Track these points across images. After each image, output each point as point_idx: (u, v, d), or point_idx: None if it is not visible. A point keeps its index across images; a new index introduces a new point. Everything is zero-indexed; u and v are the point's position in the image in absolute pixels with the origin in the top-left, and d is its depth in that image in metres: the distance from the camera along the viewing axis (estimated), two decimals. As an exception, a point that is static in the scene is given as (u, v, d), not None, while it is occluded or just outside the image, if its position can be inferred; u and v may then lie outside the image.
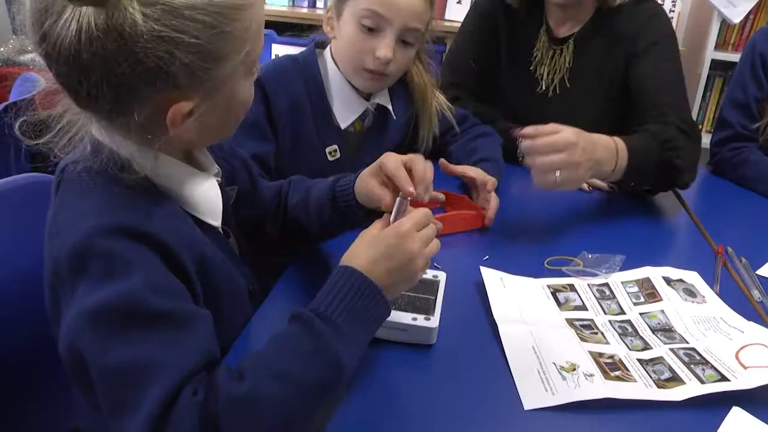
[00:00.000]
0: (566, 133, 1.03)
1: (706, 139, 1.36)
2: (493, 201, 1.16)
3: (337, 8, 1.21)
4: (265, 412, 0.56)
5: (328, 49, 1.28)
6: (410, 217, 0.72)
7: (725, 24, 2.68)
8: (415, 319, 0.79)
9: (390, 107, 1.30)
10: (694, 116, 2.80)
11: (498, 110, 1.51)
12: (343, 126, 1.25)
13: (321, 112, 1.25)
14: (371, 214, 0.86)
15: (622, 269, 1.01)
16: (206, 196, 0.74)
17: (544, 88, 1.51)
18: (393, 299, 0.71)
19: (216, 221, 0.76)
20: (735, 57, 2.29)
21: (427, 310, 0.81)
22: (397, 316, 0.78)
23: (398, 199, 0.78)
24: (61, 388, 0.84)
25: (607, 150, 1.12)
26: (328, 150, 1.26)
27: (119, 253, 0.60)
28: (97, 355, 0.58)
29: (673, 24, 2.76)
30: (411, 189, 0.78)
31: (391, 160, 0.82)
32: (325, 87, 1.25)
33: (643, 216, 1.28)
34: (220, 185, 0.79)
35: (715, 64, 2.72)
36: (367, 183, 0.86)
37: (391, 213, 0.76)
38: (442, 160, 1.29)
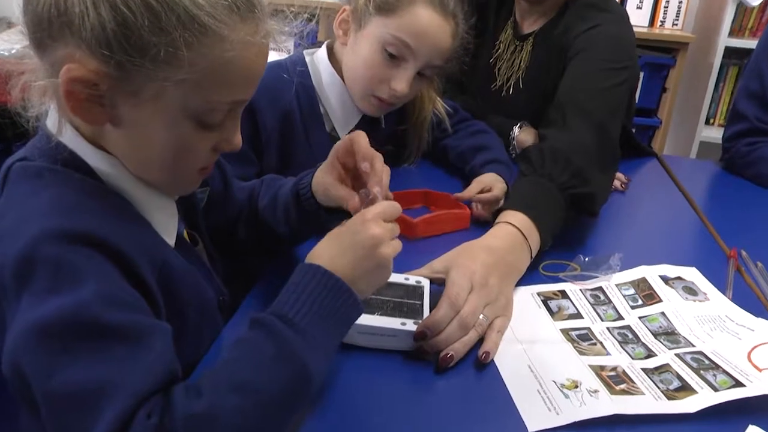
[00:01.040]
0: (453, 290, 0.82)
1: (717, 134, 1.32)
2: (492, 195, 1.16)
3: (358, 17, 1.17)
4: (225, 428, 0.55)
5: (323, 50, 1.24)
6: (378, 205, 0.72)
7: (742, 7, 2.58)
8: (404, 324, 0.78)
9: (381, 116, 1.29)
10: (705, 109, 2.75)
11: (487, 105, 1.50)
12: (342, 134, 1.25)
13: (313, 123, 1.22)
14: (335, 214, 0.85)
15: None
16: (159, 212, 0.72)
17: (498, 85, 1.50)
18: (366, 297, 0.69)
19: (170, 239, 0.74)
20: (752, 44, 2.19)
21: (415, 314, 0.81)
22: (385, 322, 0.78)
23: (361, 192, 0.77)
24: (4, 410, 0.80)
25: (507, 243, 0.94)
26: (319, 166, 1.24)
27: (68, 261, 0.58)
28: (41, 375, 0.56)
29: (683, 8, 2.75)
30: (366, 164, 0.77)
31: (344, 138, 0.81)
32: (317, 94, 1.23)
33: (646, 216, 1.27)
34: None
35: (729, 52, 2.63)
36: (323, 181, 0.85)
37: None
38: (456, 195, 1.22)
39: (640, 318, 0.89)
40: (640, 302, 0.92)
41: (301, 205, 0.89)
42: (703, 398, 0.71)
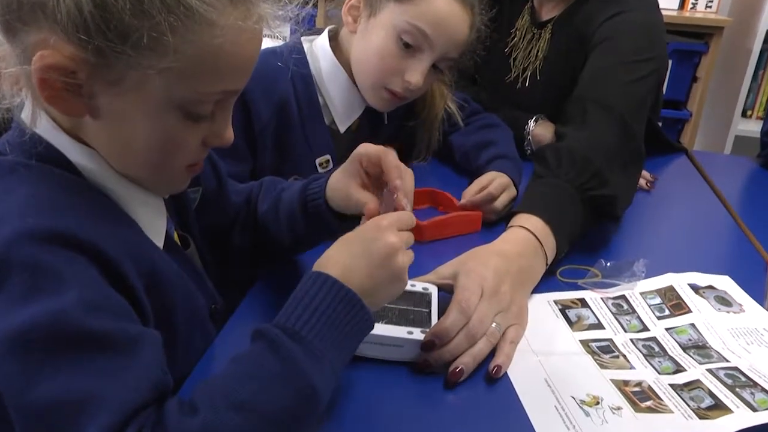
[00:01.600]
0: (463, 295, 0.83)
1: (755, 127, 1.32)
2: (503, 198, 1.17)
3: (371, 3, 1.18)
4: None
5: (323, 37, 1.25)
6: (393, 213, 0.73)
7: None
8: (410, 332, 0.78)
9: (386, 111, 1.30)
10: (741, 100, 2.73)
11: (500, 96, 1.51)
12: (342, 128, 1.26)
13: (311, 115, 1.23)
14: (347, 221, 0.86)
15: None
16: (145, 211, 0.72)
17: (513, 76, 1.51)
18: (377, 309, 0.70)
19: (158, 241, 0.74)
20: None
21: (422, 323, 0.81)
22: (390, 331, 0.78)
23: (385, 191, 0.78)
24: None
25: (520, 248, 0.95)
26: (318, 161, 1.25)
27: (48, 264, 0.58)
28: (18, 388, 0.55)
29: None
30: (399, 182, 0.78)
31: (372, 147, 0.82)
32: (317, 84, 1.23)
33: (674, 218, 1.28)
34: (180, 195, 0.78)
35: (772, 36, 2.57)
36: (344, 186, 0.85)
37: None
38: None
39: (667, 329, 0.89)
40: (667, 312, 0.92)
41: (309, 211, 0.89)
42: (739, 418, 0.70)
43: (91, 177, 0.67)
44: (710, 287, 0.97)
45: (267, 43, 0.74)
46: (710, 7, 2.80)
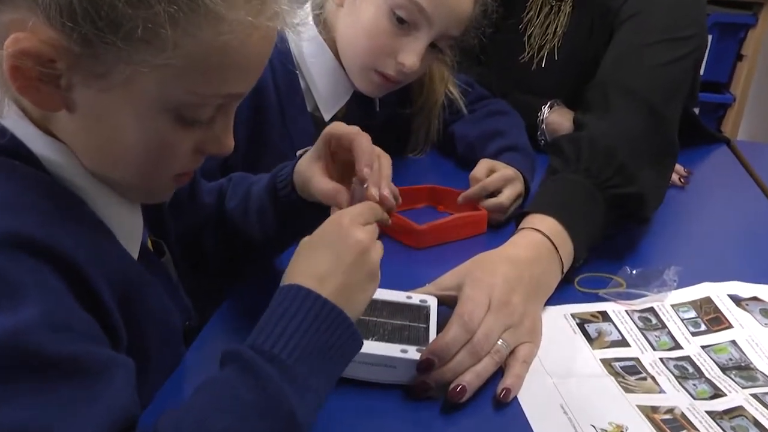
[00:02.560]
0: (466, 307, 0.84)
1: None
2: (508, 193, 1.18)
3: None
4: None
5: (306, 11, 1.26)
6: (354, 207, 0.75)
7: None
8: (405, 351, 0.79)
9: (377, 97, 1.31)
10: None
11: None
12: (327, 116, 1.26)
13: (291, 101, 1.24)
14: (321, 212, 0.86)
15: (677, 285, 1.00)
16: (121, 217, 0.73)
17: (528, 56, 1.52)
18: (357, 316, 0.70)
19: (133, 250, 0.75)
20: None
21: (418, 340, 0.82)
22: (381, 349, 0.78)
23: (354, 180, 0.79)
24: None
25: (533, 253, 0.96)
26: (300, 154, 1.25)
27: (5, 274, 0.58)
28: None
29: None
30: (367, 169, 0.78)
31: (344, 127, 0.83)
32: (298, 65, 1.24)
33: (712, 219, 1.29)
34: None
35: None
36: (307, 170, 0.86)
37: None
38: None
39: (703, 347, 0.90)
40: (703, 328, 0.93)
41: (279, 202, 0.91)
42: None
43: (59, 174, 0.67)
44: (755, 299, 0.97)
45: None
46: (760, -29, 2.80)
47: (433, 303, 0.88)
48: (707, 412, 0.78)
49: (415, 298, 0.89)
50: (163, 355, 0.76)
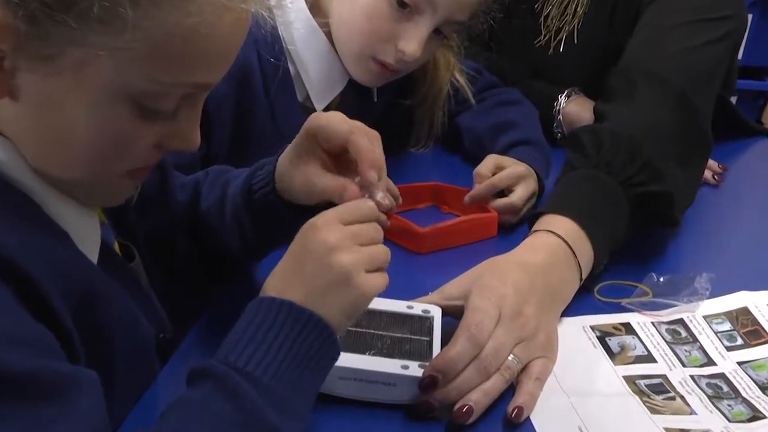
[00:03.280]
0: (474, 318, 0.84)
1: None
2: (520, 192, 1.18)
3: None
4: None
5: None
6: (336, 207, 0.74)
7: None
8: (405, 367, 0.79)
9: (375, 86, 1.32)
10: None
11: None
12: (319, 107, 1.27)
13: (280, 89, 1.24)
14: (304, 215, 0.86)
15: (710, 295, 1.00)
16: (76, 221, 0.73)
17: (544, 40, 1.52)
18: (342, 330, 0.70)
19: (91, 254, 0.75)
20: None
21: (420, 354, 0.82)
22: (379, 365, 0.79)
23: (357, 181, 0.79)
24: None
25: (548, 258, 0.97)
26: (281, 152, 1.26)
27: None
28: None
29: None
30: (374, 172, 0.77)
31: (325, 117, 0.82)
32: (288, 51, 1.25)
33: (750, 220, 1.29)
34: None
35: None
36: (298, 171, 0.85)
37: None
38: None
39: (740, 364, 0.90)
40: (739, 342, 0.93)
41: (255, 204, 0.90)
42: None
43: (3, 171, 0.67)
44: (797, 309, 0.97)
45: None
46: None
47: (436, 313, 0.88)
48: (744, 436, 0.78)
49: (417, 308, 0.89)
50: (132, 372, 0.76)
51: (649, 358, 0.91)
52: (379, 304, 0.86)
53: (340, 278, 0.68)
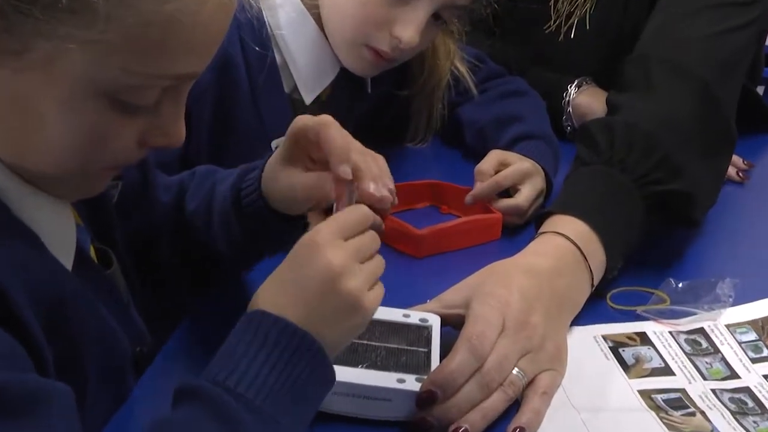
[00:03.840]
0: (475, 328, 0.84)
1: None
2: (526, 191, 1.18)
3: None
4: None
5: None
6: (333, 219, 0.73)
7: None
8: (402, 381, 0.79)
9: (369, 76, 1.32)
10: None
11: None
12: (308, 99, 1.28)
13: (266, 80, 1.25)
14: (294, 224, 0.87)
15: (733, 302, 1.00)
16: (50, 223, 0.73)
17: (554, 26, 1.52)
18: (337, 352, 0.71)
19: (65, 260, 0.75)
20: None
21: (418, 367, 0.82)
22: (374, 378, 0.79)
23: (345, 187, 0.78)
24: None
25: (556, 263, 0.97)
26: (276, 144, 1.26)
27: None
28: None
29: None
30: (345, 166, 0.77)
31: (310, 119, 0.82)
32: (274, 38, 1.25)
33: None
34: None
35: None
36: (282, 176, 0.85)
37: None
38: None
39: (766, 377, 0.90)
40: (766, 353, 0.94)
41: (243, 210, 0.90)
42: None
43: None
44: (828, 317, 0.98)
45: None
46: None
47: (435, 322, 0.88)
48: (769, 455, 0.79)
49: (414, 316, 0.89)
50: (104, 390, 0.76)
51: (666, 371, 0.91)
52: None
53: (348, 305, 0.69)
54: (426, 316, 0.89)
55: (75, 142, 0.67)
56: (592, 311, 0.99)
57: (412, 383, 0.79)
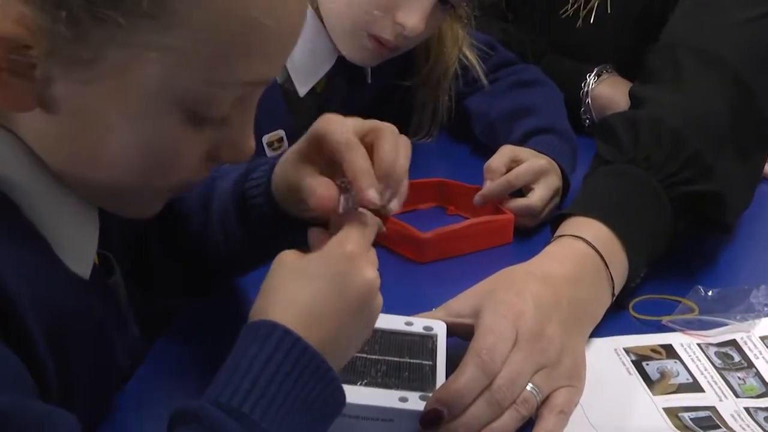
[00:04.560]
0: (486, 341, 0.84)
1: None
2: (541, 190, 1.19)
3: None
4: None
5: None
6: (355, 229, 0.74)
7: None
8: (404, 399, 0.79)
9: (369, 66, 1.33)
10: None
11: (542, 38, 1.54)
12: (302, 90, 1.28)
13: None
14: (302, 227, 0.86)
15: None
16: (70, 229, 0.74)
17: (571, 10, 1.54)
18: (339, 367, 0.71)
19: (83, 269, 0.75)
20: None
21: (422, 384, 0.82)
22: (374, 397, 0.79)
23: (341, 196, 0.78)
24: None
25: (574, 269, 0.98)
26: (267, 139, 1.28)
27: None
28: None
29: None
30: (372, 192, 0.76)
31: (337, 125, 0.81)
32: None
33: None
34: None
35: None
36: (294, 173, 0.84)
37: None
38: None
39: (804, 394, 0.91)
40: (804, 368, 0.94)
41: (247, 212, 0.91)
42: None
43: None
44: None
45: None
46: None
47: (440, 330, 0.89)
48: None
49: (418, 324, 0.89)
50: (101, 401, 0.77)
51: (695, 387, 0.91)
52: None
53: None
54: (430, 323, 0.89)
55: (144, 159, 0.68)
56: (612, 322, 0.99)
57: (415, 402, 0.79)
